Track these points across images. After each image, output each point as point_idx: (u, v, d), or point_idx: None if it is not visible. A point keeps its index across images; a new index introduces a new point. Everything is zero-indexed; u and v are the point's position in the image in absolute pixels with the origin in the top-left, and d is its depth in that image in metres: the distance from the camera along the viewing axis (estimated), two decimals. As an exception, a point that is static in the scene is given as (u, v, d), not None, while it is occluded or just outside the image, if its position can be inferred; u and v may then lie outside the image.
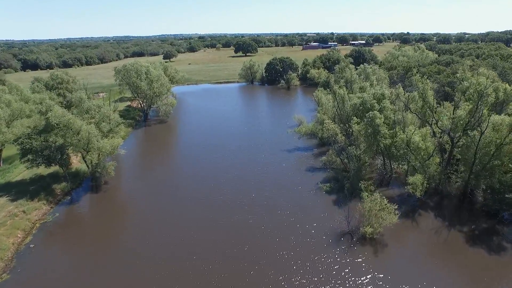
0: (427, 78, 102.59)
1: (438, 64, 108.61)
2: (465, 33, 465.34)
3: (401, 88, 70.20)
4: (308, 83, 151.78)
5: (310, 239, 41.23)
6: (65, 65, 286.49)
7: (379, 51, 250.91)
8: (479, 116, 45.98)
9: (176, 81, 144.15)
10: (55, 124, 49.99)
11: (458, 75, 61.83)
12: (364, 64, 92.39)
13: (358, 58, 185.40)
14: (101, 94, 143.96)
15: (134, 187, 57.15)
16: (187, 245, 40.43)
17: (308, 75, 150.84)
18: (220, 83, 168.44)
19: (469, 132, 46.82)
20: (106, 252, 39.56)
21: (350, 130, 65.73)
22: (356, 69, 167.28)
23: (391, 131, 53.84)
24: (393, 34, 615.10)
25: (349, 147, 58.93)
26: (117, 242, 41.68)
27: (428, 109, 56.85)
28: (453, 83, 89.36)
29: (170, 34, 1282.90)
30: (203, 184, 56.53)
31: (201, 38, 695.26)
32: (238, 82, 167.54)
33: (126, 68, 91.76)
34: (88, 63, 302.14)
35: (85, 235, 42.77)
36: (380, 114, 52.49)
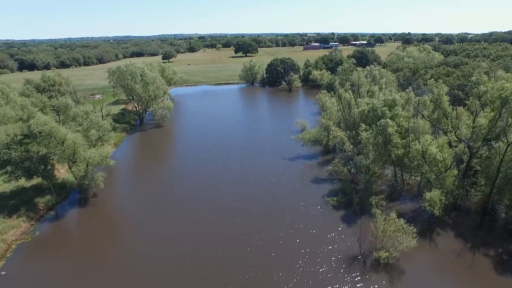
0: (435, 81, 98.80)
1: (446, 66, 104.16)
2: (466, 33, 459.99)
3: (411, 92, 66.01)
4: (310, 84, 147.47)
5: (318, 264, 36.84)
6: (63, 65, 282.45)
7: (381, 51, 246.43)
8: (506, 125, 41.58)
9: (174, 83, 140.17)
10: (38, 133, 45.65)
11: (473, 78, 57.35)
12: (370, 66, 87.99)
13: (361, 59, 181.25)
14: (97, 96, 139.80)
15: (125, 199, 52.83)
16: (181, 269, 36.10)
17: (310, 76, 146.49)
18: (220, 84, 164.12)
19: (493, 143, 42.45)
20: (91, 276, 35.19)
21: (358, 137, 61.36)
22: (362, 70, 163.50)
23: (404, 140, 49.53)
24: (394, 34, 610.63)
25: (357, 157, 54.59)
26: (104, 265, 37.29)
27: (443, 116, 52.63)
28: (463, 86, 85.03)
29: (170, 34, 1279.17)
30: (199, 199, 52.16)
31: (201, 38, 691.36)
32: (238, 83, 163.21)
33: (120, 70, 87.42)
34: (86, 64, 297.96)
35: (68, 258, 38.40)
36: (392, 121, 48.12)
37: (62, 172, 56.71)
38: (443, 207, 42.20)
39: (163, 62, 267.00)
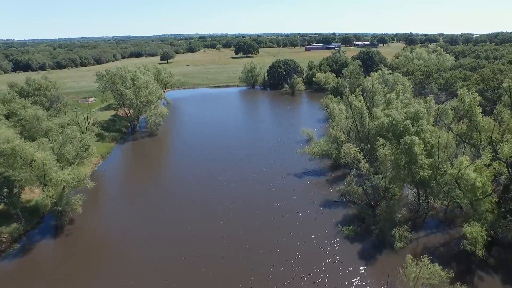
0: (451, 85, 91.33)
1: (463, 69, 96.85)
2: (469, 34, 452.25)
3: (432, 100, 58.78)
4: (314, 87, 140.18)
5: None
6: (59, 66, 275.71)
7: (385, 52, 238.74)
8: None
9: (171, 85, 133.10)
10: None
11: (504, 84, 50.28)
12: (381, 69, 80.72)
13: (367, 60, 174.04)
14: (90, 99, 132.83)
15: (109, 224, 45.59)
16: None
17: (314, 79, 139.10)
18: (219, 87, 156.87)
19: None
20: None
21: (373, 152, 54.11)
22: (368, 74, 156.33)
23: (431, 159, 42.33)
24: (396, 34, 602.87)
25: (373, 176, 47.41)
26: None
27: (475, 129, 45.50)
28: (484, 91, 77.80)
29: (171, 34, 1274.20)
30: (194, 224, 44.98)
31: (202, 38, 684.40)
32: (238, 86, 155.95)
33: (109, 73, 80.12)
34: (83, 64, 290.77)
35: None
36: (419, 139, 40.86)
37: (37, 193, 49.54)
38: (485, 244, 35.02)
39: (161, 63, 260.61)
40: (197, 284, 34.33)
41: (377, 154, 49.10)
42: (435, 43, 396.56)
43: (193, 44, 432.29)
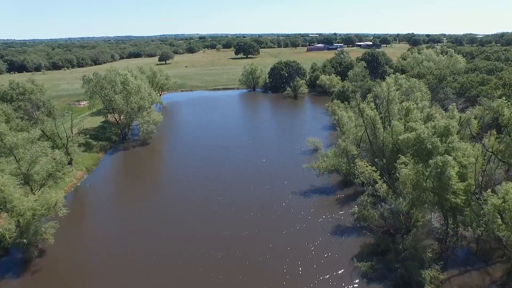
0: (467, 90, 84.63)
1: (479, 72, 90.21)
2: (471, 34, 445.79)
3: (455, 110, 52.20)
4: (318, 90, 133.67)
5: None
6: (55, 67, 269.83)
7: (389, 53, 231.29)
8: None
9: (167, 88, 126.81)
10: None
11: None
12: (396, 73, 74.15)
13: (372, 62, 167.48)
14: (83, 103, 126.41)
15: (87, 255, 39.03)
16: None
17: (317, 81, 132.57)
18: (218, 89, 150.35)
19: None
20: None
21: (392, 171, 47.56)
22: (375, 76, 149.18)
23: (464, 183, 35.79)
24: (398, 35, 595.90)
25: (393, 201, 40.91)
26: None
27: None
28: (507, 97, 71.24)
29: (171, 34, 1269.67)
30: (187, 256, 38.47)
31: (202, 38, 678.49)
32: (238, 88, 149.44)
33: (97, 77, 73.58)
34: (80, 65, 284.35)
35: None
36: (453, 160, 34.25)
37: (3, 219, 42.97)
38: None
39: (160, 64, 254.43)
40: None
41: (397, 173, 42.67)
42: (438, 44, 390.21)
43: (192, 44, 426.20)
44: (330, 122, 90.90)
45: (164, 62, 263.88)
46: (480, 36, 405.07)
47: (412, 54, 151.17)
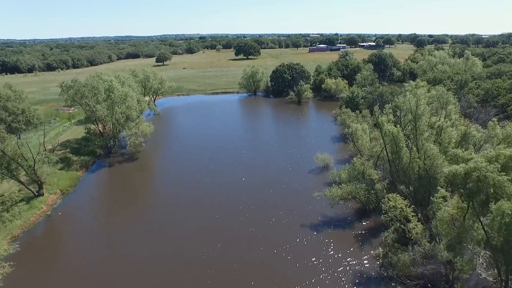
0: (493, 98, 75.96)
1: (506, 77, 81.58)
2: (475, 34, 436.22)
3: (497, 127, 43.60)
4: (323, 95, 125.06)
5: None
6: (49, 68, 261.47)
7: (394, 54, 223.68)
8: None
9: (162, 93, 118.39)
10: None
11: None
12: (416, 80, 65.46)
13: (379, 64, 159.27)
14: (72, 108, 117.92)
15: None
16: None
17: (323, 85, 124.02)
18: (217, 93, 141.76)
19: None
20: None
21: (427, 207, 38.99)
22: (381, 81, 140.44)
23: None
24: (400, 35, 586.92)
25: (430, 246, 32.48)
26: None
27: None
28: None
29: (172, 34, 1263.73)
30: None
31: (202, 38, 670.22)
32: (238, 92, 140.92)
33: (77, 84, 64.90)
34: (75, 66, 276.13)
35: None
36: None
37: None
38: None
39: (157, 66, 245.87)
40: None
41: (433, 210, 34.19)
42: (442, 44, 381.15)
43: (192, 45, 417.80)
44: (339, 132, 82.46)
45: (161, 64, 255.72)
46: (485, 36, 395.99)
47: (423, 56, 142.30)
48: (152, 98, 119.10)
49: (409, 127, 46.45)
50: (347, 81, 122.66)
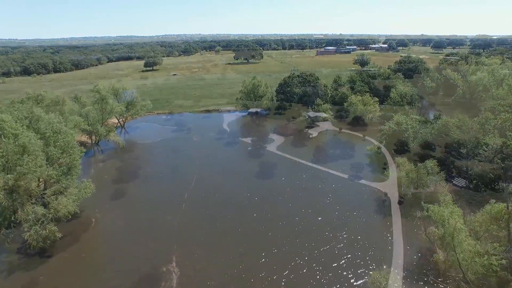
0: None
1: None
2: (485, 35, 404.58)
3: None
4: (345, 114, 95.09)
5: None
6: (26, 72, 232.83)
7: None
8: None
9: (132, 115, 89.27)
10: None
11: None
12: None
13: (408, 72, 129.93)
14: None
15: None
16: None
17: (345, 104, 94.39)
18: (209, 111, 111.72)
19: None
20: None
21: None
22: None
23: None
24: (407, 36, 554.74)
25: None
26: None
27: None
28: None
29: (173, 34, 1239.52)
30: None
31: (203, 38, 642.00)
32: (235, 110, 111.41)
33: None
34: (56, 70, 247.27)
35: None
36: None
37: None
38: None
39: (145, 71, 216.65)
40: None
41: None
42: (460, 47, 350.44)
43: (188, 46, 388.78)
44: (388, 204, 52.47)
45: (150, 68, 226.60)
46: (495, 37, 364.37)
47: (467, 63, 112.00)
48: (121, 122, 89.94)
49: None
50: (377, 99, 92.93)
